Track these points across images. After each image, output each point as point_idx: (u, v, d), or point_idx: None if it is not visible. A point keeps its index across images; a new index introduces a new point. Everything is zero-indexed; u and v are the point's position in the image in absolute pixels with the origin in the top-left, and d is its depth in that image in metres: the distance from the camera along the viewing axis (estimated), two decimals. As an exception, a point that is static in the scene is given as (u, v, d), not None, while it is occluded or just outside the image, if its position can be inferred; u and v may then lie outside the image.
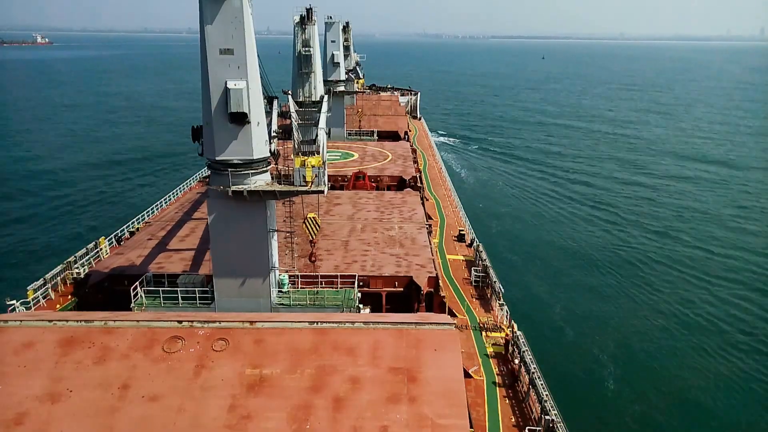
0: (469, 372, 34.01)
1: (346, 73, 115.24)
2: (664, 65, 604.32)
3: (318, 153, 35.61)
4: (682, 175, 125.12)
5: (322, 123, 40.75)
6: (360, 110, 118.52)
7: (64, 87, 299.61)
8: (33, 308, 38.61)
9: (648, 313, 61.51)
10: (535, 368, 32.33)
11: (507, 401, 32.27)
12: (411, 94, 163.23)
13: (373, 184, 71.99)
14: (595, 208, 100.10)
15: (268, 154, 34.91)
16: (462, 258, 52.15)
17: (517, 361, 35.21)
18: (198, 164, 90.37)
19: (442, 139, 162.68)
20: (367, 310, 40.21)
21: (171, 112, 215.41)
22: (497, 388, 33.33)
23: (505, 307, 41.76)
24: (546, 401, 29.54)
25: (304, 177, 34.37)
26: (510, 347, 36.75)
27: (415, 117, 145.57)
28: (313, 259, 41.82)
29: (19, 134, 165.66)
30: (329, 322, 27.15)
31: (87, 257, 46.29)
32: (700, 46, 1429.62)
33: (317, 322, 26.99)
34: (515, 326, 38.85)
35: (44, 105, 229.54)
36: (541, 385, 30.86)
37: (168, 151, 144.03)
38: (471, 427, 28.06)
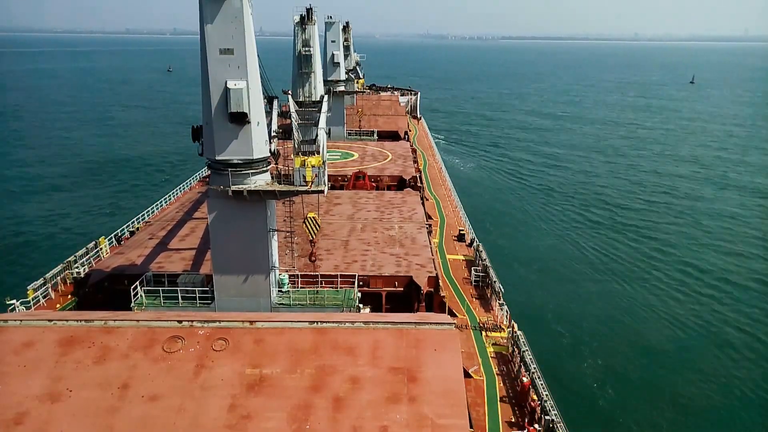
0: (469, 372, 34.02)
1: (346, 73, 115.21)
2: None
3: (318, 153, 35.60)
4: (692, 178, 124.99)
5: (322, 123, 40.73)
6: (360, 110, 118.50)
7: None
8: (33, 308, 38.61)
9: (649, 313, 61.50)
10: (535, 368, 32.34)
11: (507, 401, 32.27)
12: (411, 94, 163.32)
13: (373, 184, 71.97)
14: (598, 208, 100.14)
15: (268, 154, 34.91)
16: (462, 258, 52.15)
17: (517, 361, 35.22)
18: (198, 164, 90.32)
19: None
20: (367, 310, 40.21)
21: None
22: (497, 388, 33.33)
23: (505, 307, 41.75)
24: (546, 401, 29.55)
25: (304, 177, 34.36)
26: (510, 347, 36.77)
27: (415, 117, 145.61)
28: (313, 258, 41.79)
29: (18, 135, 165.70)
30: (329, 322, 27.16)
31: (87, 257, 46.28)
32: (716, 47, 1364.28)
33: (317, 322, 27.00)
34: (515, 326, 38.86)
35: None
36: (541, 385, 30.86)
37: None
38: (471, 427, 28.06)
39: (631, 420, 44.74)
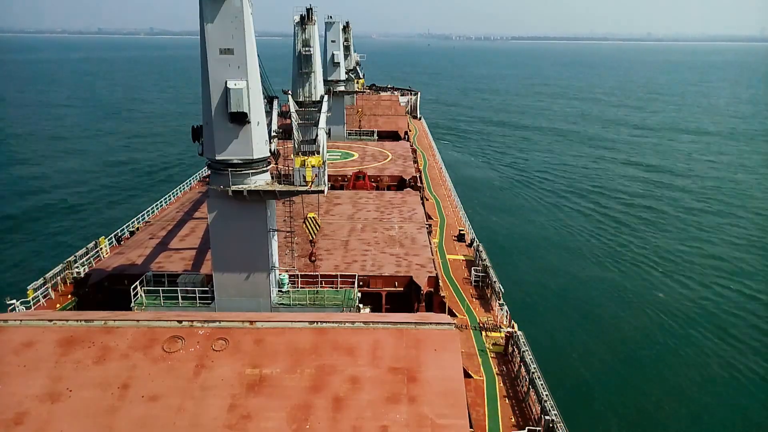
0: (469, 372, 34.00)
1: (346, 72, 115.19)
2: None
3: (318, 153, 35.61)
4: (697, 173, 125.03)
5: (323, 123, 40.72)
6: (360, 110, 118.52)
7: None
8: (33, 308, 38.59)
9: (649, 312, 61.47)
10: (535, 368, 32.33)
11: (507, 401, 32.26)
12: (411, 94, 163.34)
13: (373, 184, 71.96)
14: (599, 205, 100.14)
15: (268, 154, 34.91)
16: (462, 258, 52.14)
17: (517, 361, 35.21)
18: (198, 164, 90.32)
19: None
20: (367, 310, 40.20)
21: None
22: (497, 388, 33.32)
23: (505, 307, 41.75)
24: (546, 401, 29.53)
25: (304, 177, 34.36)
26: (510, 347, 36.75)
27: (415, 117, 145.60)
28: (313, 258, 41.81)
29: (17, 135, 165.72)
30: (329, 322, 27.15)
31: (87, 257, 46.27)
32: (730, 47, 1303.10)
33: (317, 322, 27.00)
34: (516, 326, 38.85)
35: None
36: (541, 385, 30.85)
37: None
38: (471, 427, 28.04)
39: (632, 420, 44.72)
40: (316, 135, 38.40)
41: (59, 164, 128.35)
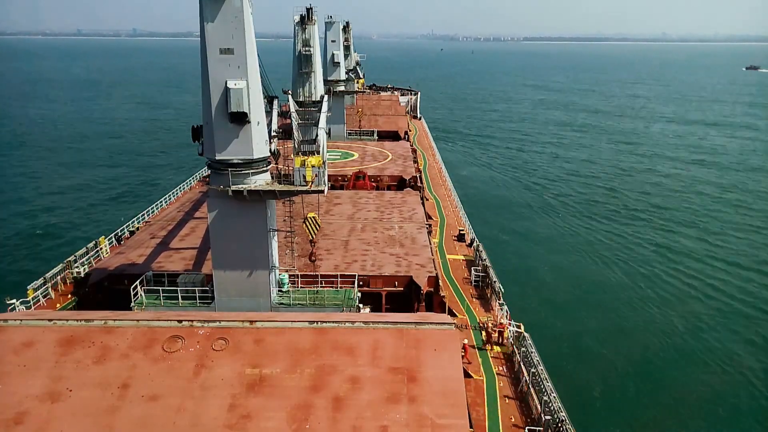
0: (469, 372, 34.02)
1: (346, 72, 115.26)
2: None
3: (318, 153, 35.61)
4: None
5: (323, 123, 40.74)
6: (360, 110, 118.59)
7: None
8: (33, 307, 38.60)
9: (652, 310, 61.38)
10: (540, 369, 32.34)
11: (507, 401, 32.27)
12: (411, 93, 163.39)
13: (373, 184, 71.99)
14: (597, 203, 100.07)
15: (268, 154, 34.92)
16: (462, 258, 52.16)
17: (517, 361, 35.23)
18: (198, 163, 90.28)
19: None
20: (367, 310, 40.20)
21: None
22: (497, 388, 33.33)
23: (505, 307, 41.76)
24: (547, 401, 29.54)
25: (304, 177, 34.35)
26: (510, 347, 36.77)
27: (415, 117, 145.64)
28: (313, 258, 41.82)
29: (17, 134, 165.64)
30: (329, 322, 27.19)
31: (87, 256, 46.30)
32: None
33: (317, 322, 27.03)
34: (518, 326, 38.84)
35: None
36: (544, 384, 30.87)
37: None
38: (471, 427, 28.06)
39: (633, 420, 44.69)
40: (316, 135, 38.42)
41: (60, 162, 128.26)
